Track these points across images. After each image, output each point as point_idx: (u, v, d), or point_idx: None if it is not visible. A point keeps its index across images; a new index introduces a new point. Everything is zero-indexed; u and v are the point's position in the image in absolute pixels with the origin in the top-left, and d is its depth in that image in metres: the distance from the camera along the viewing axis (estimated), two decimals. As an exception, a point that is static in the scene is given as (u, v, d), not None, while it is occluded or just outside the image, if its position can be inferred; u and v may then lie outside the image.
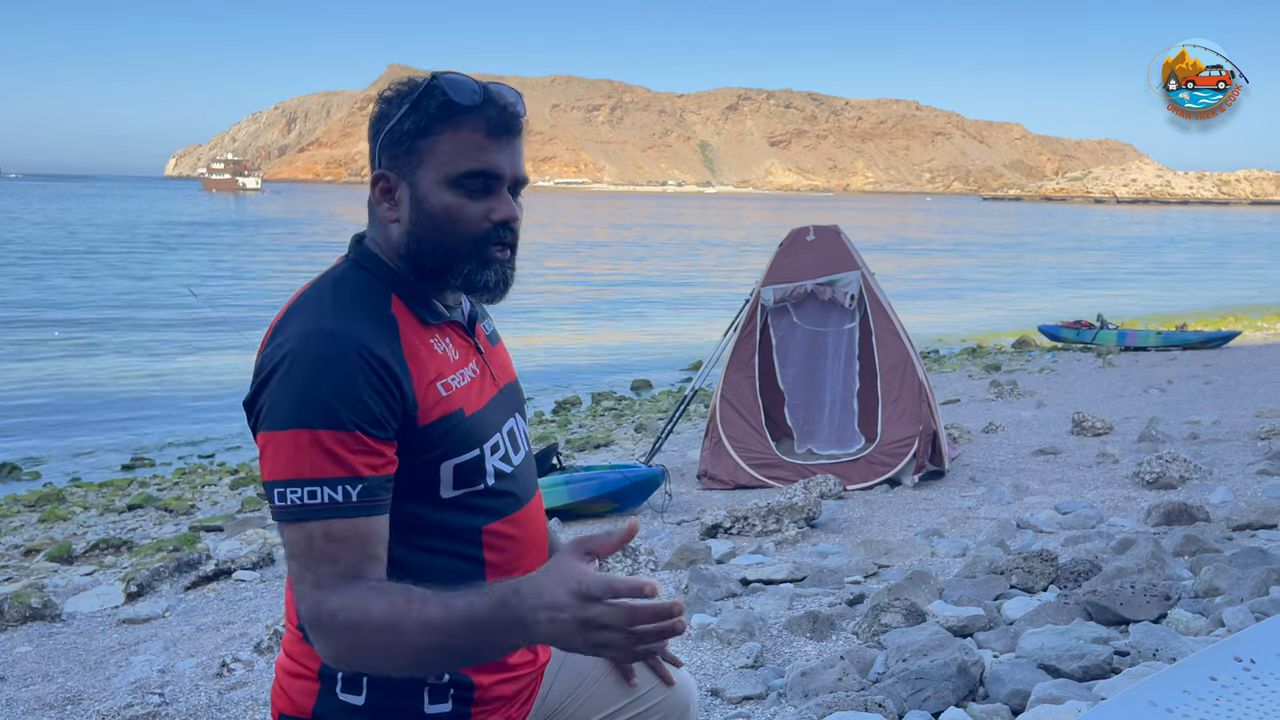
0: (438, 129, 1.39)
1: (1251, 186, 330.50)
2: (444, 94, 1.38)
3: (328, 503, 1.27)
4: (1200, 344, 17.71)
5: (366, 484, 1.30)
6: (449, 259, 1.42)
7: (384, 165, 1.43)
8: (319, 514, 1.27)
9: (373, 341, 1.33)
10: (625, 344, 21.85)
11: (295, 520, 1.28)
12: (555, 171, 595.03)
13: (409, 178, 1.41)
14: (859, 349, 8.13)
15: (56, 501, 9.82)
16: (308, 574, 1.28)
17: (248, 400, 1.35)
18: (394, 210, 1.44)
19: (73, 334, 21.58)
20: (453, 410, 1.41)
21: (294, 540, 1.29)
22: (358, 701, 1.41)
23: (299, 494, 1.27)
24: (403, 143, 1.41)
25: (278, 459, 1.29)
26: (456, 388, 1.43)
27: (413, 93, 1.40)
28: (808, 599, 4.47)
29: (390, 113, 1.41)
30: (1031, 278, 40.68)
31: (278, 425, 1.29)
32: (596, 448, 11.11)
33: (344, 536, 1.28)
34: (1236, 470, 7.07)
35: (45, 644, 5.12)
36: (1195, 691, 1.44)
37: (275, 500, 1.29)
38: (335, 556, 1.27)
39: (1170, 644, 3.07)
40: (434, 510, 1.41)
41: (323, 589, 1.27)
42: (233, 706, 3.86)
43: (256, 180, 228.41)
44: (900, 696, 3.01)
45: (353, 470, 1.29)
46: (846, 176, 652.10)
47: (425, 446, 1.38)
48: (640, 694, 1.73)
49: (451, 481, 1.42)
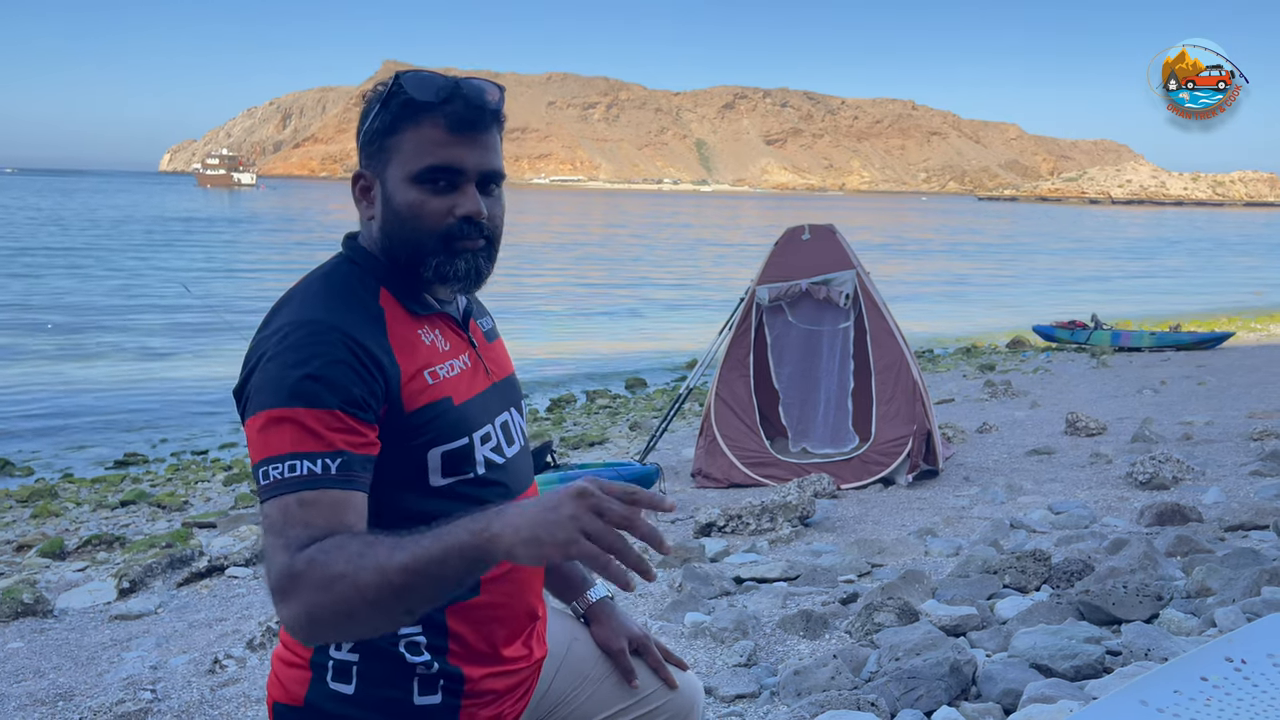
0: (401, 127, 1.41)
1: (1246, 188, 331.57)
2: (405, 92, 1.40)
3: (305, 474, 1.27)
4: (1194, 345, 17.77)
5: (345, 458, 1.29)
6: (417, 254, 1.44)
7: (361, 164, 1.48)
8: (296, 486, 1.26)
9: (355, 328, 1.36)
10: (620, 342, 21.84)
11: (274, 496, 1.27)
12: (551, 169, 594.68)
13: (380, 175, 1.45)
14: (854, 348, 8.14)
15: (49, 497, 9.79)
16: (278, 540, 1.24)
17: (236, 389, 1.37)
18: (370, 208, 1.48)
19: (66, 329, 21.53)
20: (440, 398, 1.42)
21: (269, 514, 1.26)
22: (347, 690, 1.42)
23: (279, 469, 1.27)
24: (374, 141, 1.44)
25: (261, 440, 1.29)
26: (445, 377, 1.44)
27: (380, 94, 1.44)
28: (801, 598, 4.48)
29: (366, 113, 1.46)
30: (1026, 278, 40.74)
31: (261, 408, 1.30)
32: (591, 445, 11.11)
33: (316, 502, 1.26)
34: (1229, 471, 7.09)
35: (37, 640, 5.11)
36: (1186, 691, 1.45)
37: (260, 480, 1.29)
38: (308, 520, 1.25)
39: (1162, 644, 3.08)
40: (423, 499, 1.42)
41: (290, 550, 1.22)
42: (225, 703, 3.85)
43: (251, 176, 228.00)
44: (893, 695, 3.02)
45: (331, 445, 1.29)
46: (842, 176, 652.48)
47: (411, 432, 1.39)
48: (643, 695, 1.73)
49: (440, 469, 1.42)
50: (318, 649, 1.44)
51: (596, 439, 11.46)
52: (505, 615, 1.52)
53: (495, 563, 1.19)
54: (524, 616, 1.56)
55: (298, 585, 1.20)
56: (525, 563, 1.17)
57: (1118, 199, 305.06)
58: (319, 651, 1.44)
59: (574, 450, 10.78)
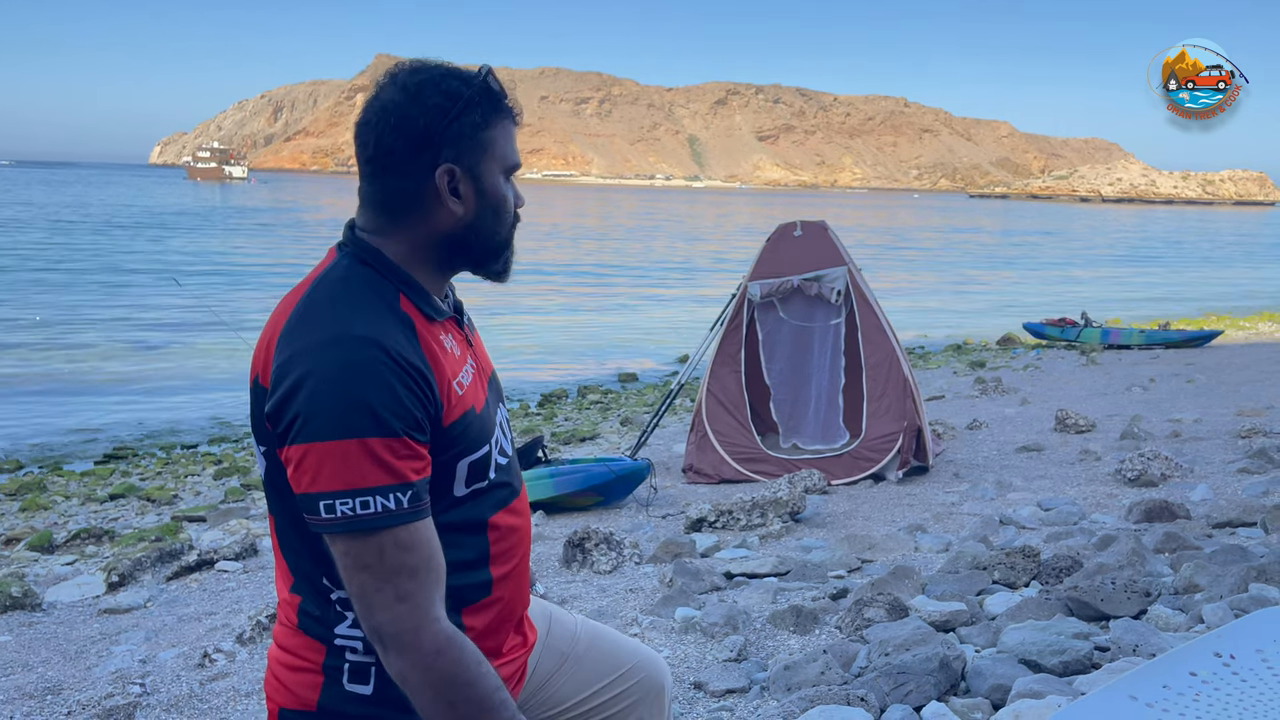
0: (492, 121, 1.44)
1: (1235, 187, 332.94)
2: (499, 88, 1.45)
3: (381, 511, 1.27)
4: (1182, 343, 17.83)
5: (415, 489, 1.30)
6: (501, 245, 1.50)
7: (447, 158, 1.41)
8: (378, 523, 1.27)
9: (399, 344, 1.33)
10: (612, 337, 21.83)
11: (352, 532, 1.28)
12: (543, 164, 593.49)
13: (474, 169, 1.43)
14: (845, 344, 8.15)
15: (37, 490, 9.74)
16: (387, 586, 1.29)
17: (272, 411, 1.31)
18: (459, 203, 1.44)
19: (54, 321, 21.42)
20: (468, 409, 1.42)
21: (361, 553, 1.29)
22: (365, 691, 1.42)
23: (350, 505, 1.27)
24: (470, 135, 1.42)
25: (321, 470, 1.27)
26: (467, 385, 1.44)
27: (466, 86, 1.41)
28: (791, 593, 4.49)
29: (448, 105, 1.40)
30: (1017, 275, 40.84)
31: (320, 436, 1.26)
32: (582, 441, 11.11)
33: (412, 544, 1.30)
34: (1217, 468, 7.12)
35: (25, 633, 5.09)
36: (1175, 686, 1.45)
37: (323, 513, 1.28)
38: (413, 568, 1.30)
39: (1150, 640, 3.10)
40: (448, 509, 1.42)
41: (412, 604, 1.29)
42: (214, 697, 3.84)
43: (243, 169, 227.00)
44: (882, 690, 3.03)
45: (402, 477, 1.29)
46: (834, 172, 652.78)
47: (446, 446, 1.38)
48: (617, 674, 1.75)
49: (466, 479, 1.43)
50: (332, 652, 1.42)
51: (588, 434, 11.46)
52: (511, 608, 1.54)
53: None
54: (522, 608, 1.59)
55: (425, 659, 1.30)
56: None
57: (1108, 197, 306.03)
58: (333, 654, 1.42)
59: (565, 446, 10.78)
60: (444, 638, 1.31)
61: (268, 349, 1.36)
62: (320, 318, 1.34)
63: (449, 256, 1.47)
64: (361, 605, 1.31)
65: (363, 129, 1.42)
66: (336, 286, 1.39)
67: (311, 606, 1.43)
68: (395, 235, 1.44)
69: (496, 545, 1.49)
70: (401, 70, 1.43)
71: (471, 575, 1.45)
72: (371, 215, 1.45)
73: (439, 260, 1.46)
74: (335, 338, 1.30)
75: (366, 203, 1.46)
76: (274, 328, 1.37)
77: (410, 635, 1.29)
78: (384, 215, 1.44)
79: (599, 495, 7.41)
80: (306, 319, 1.34)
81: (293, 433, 1.29)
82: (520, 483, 1.58)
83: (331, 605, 1.41)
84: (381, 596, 1.29)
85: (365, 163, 1.43)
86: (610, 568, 5.34)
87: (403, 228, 1.44)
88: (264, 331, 1.39)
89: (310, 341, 1.31)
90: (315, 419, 1.26)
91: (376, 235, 1.44)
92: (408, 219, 1.43)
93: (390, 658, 1.31)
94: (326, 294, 1.38)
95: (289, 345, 1.32)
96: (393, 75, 1.43)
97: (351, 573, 1.30)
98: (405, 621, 1.29)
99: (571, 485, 7.34)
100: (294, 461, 1.29)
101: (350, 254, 1.44)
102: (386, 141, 1.40)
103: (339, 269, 1.42)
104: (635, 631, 4.07)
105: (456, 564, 1.41)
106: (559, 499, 7.33)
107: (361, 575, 1.29)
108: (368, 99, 1.44)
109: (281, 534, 1.44)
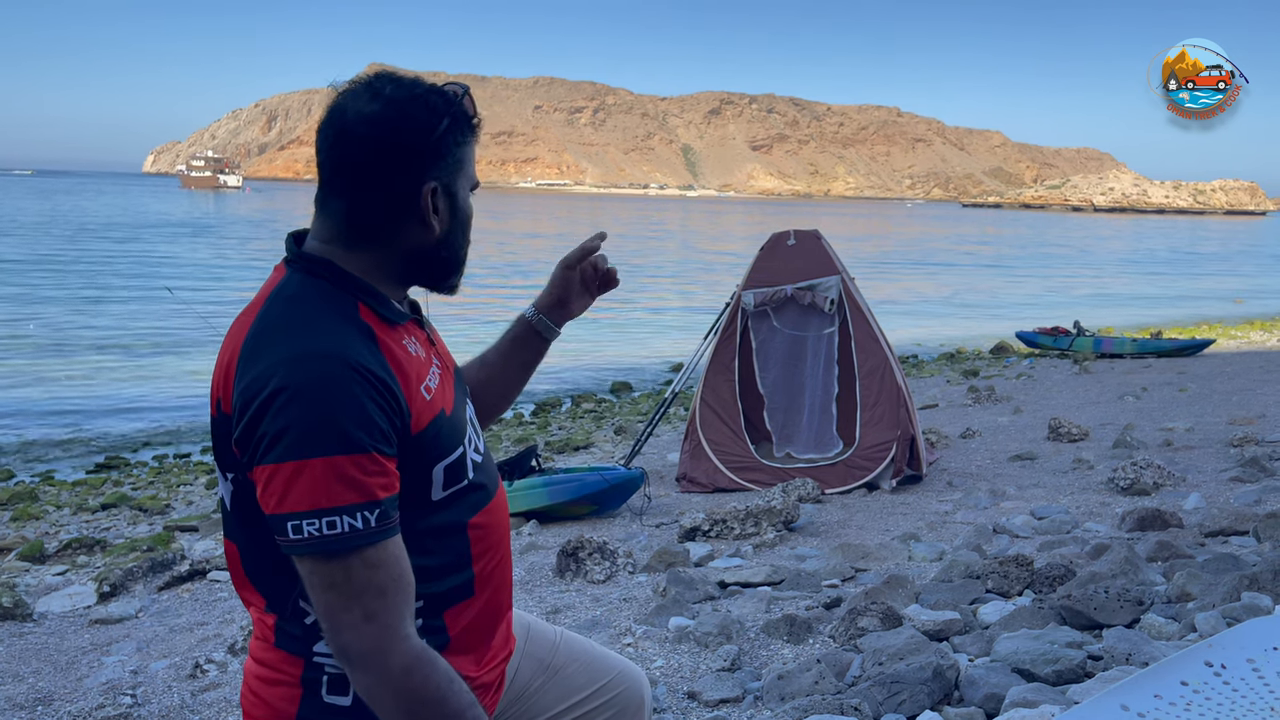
0: (466, 139, 1.45)
1: (1226, 196, 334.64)
2: (472, 107, 1.46)
3: (349, 531, 1.26)
4: (1175, 351, 17.89)
5: (382, 507, 1.29)
6: (462, 261, 1.51)
7: (433, 176, 1.40)
8: (346, 544, 1.26)
9: (362, 356, 1.30)
10: (606, 346, 21.82)
11: (320, 554, 1.27)
12: (537, 173, 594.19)
13: (451, 187, 1.44)
14: (838, 353, 8.16)
15: (29, 500, 9.70)
16: (355, 606, 1.28)
17: (240, 436, 1.29)
18: (437, 219, 1.43)
19: (48, 330, 21.36)
20: (438, 412, 1.40)
21: (328, 573, 1.27)
22: (344, 703, 1.40)
23: (316, 525, 1.25)
24: (450, 152, 1.42)
25: (289, 491, 1.25)
26: (434, 388, 1.42)
27: (449, 104, 1.41)
28: (785, 602, 4.48)
29: (429, 121, 1.38)
30: (1009, 284, 40.93)
31: (286, 456, 1.24)
32: (576, 450, 11.11)
33: (379, 563, 1.29)
34: (1209, 477, 7.14)
35: (16, 644, 5.06)
36: (1167, 696, 1.46)
37: (290, 534, 1.26)
38: (381, 586, 1.29)
39: (1143, 648, 3.10)
40: (426, 515, 1.40)
41: (380, 623, 1.28)
42: (205, 708, 3.83)
43: (237, 178, 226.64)
44: (876, 700, 3.03)
45: (369, 494, 1.27)
46: (827, 182, 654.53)
47: (420, 452, 1.37)
48: (598, 686, 1.74)
49: (442, 483, 1.41)
50: (310, 664, 1.40)
51: (581, 443, 11.46)
52: (493, 612, 1.53)
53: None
54: (505, 610, 1.58)
55: (393, 678, 1.29)
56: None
57: (1100, 207, 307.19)
58: (311, 667, 1.40)
59: (559, 455, 10.78)
60: (413, 656, 1.30)
61: (226, 373, 1.33)
62: (278, 337, 1.31)
63: (414, 272, 1.46)
64: (328, 624, 1.30)
65: (340, 140, 1.37)
66: (292, 304, 1.35)
67: (289, 625, 1.41)
68: (361, 250, 1.40)
69: (477, 545, 1.47)
70: (379, 81, 1.39)
71: (453, 578, 1.44)
72: (335, 228, 1.40)
73: (402, 274, 1.45)
74: (296, 356, 1.27)
75: (332, 215, 1.40)
76: (231, 350, 1.34)
77: (378, 655, 1.28)
78: (353, 229, 1.40)
79: (593, 504, 7.40)
80: (264, 339, 1.31)
81: (259, 454, 1.27)
82: (496, 481, 1.57)
83: (310, 625, 1.39)
84: (349, 616, 1.28)
85: (338, 174, 1.38)
86: (604, 577, 5.33)
87: (374, 243, 1.40)
88: (220, 354, 1.36)
89: (270, 362, 1.28)
90: (281, 439, 1.25)
91: (337, 248, 1.40)
92: (380, 234, 1.40)
93: (358, 676, 1.30)
94: (281, 312, 1.34)
95: (250, 368, 1.29)
96: (370, 86, 1.38)
97: (318, 592, 1.29)
98: (372, 641, 1.28)
99: (565, 494, 7.34)
100: (261, 482, 1.28)
101: (301, 269, 1.40)
102: (370, 156, 1.36)
103: (291, 285, 1.38)
104: (629, 641, 4.06)
105: (437, 568, 1.41)
106: (553, 508, 7.32)
107: (328, 595, 1.28)
108: (338, 106, 1.38)
109: (252, 558, 1.41)
